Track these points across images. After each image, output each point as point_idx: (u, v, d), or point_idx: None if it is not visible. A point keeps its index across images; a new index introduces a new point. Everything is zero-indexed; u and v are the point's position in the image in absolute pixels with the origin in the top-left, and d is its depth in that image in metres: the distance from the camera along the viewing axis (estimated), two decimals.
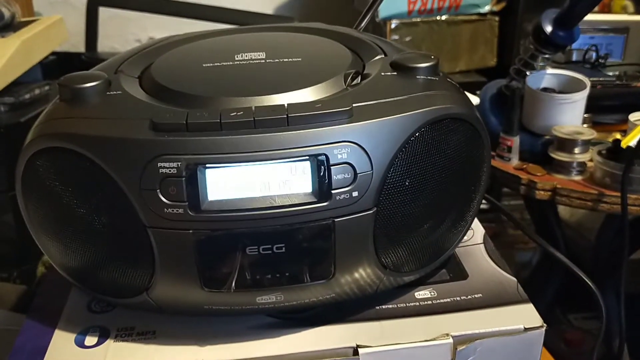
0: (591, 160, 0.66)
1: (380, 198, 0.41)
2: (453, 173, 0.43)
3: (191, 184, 0.38)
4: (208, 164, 0.38)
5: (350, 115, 0.39)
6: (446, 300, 0.47)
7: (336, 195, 0.39)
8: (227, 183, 0.39)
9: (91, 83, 0.43)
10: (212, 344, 0.43)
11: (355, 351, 0.43)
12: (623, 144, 0.62)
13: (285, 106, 0.39)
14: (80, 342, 0.44)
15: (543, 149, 0.69)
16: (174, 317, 0.45)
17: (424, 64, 0.45)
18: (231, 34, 0.56)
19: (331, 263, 0.41)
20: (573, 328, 0.90)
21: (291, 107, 0.39)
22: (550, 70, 0.73)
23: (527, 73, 0.72)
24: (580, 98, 0.69)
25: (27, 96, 0.85)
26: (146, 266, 0.41)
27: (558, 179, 0.66)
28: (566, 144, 0.66)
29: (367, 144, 0.39)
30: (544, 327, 0.44)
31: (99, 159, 0.39)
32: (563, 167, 0.67)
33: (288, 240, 0.40)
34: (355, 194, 0.39)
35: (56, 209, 0.42)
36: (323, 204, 0.39)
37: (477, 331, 0.44)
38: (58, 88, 0.44)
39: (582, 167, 0.67)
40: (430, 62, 0.45)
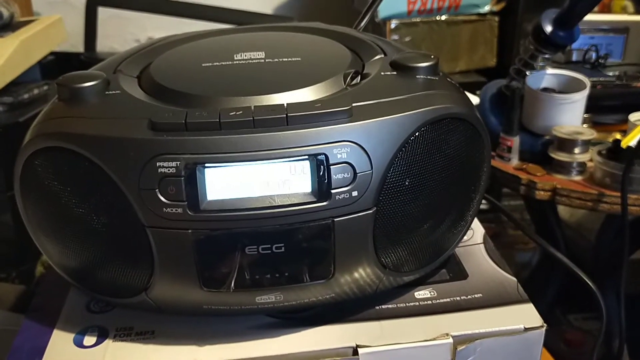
0: (591, 160, 0.66)
1: (380, 198, 0.40)
2: (453, 173, 0.43)
3: (190, 184, 0.38)
4: (207, 164, 0.38)
5: (349, 114, 0.39)
6: (446, 300, 0.47)
7: (336, 195, 0.39)
8: (227, 183, 0.39)
9: (90, 83, 0.43)
10: (211, 344, 0.43)
11: (354, 351, 0.42)
12: (623, 144, 0.62)
13: (284, 106, 0.39)
14: (79, 342, 0.44)
15: (543, 149, 0.69)
16: (173, 317, 0.45)
17: (424, 64, 0.45)
18: (230, 34, 0.56)
19: (331, 263, 0.41)
20: (573, 328, 0.90)
21: (290, 107, 0.39)
22: (550, 70, 0.73)
23: (527, 73, 0.72)
24: (580, 98, 0.69)
25: (26, 96, 0.84)
26: (145, 266, 0.41)
27: (558, 179, 0.66)
28: (566, 144, 0.66)
29: (367, 144, 0.39)
30: (544, 327, 0.44)
31: (98, 159, 0.39)
32: (563, 167, 0.67)
33: (287, 240, 0.40)
34: (354, 194, 0.39)
35: (55, 209, 0.41)
36: (322, 204, 0.39)
37: (477, 331, 0.44)
38: (56, 88, 0.43)
39: (582, 167, 0.67)
40: (430, 62, 0.45)
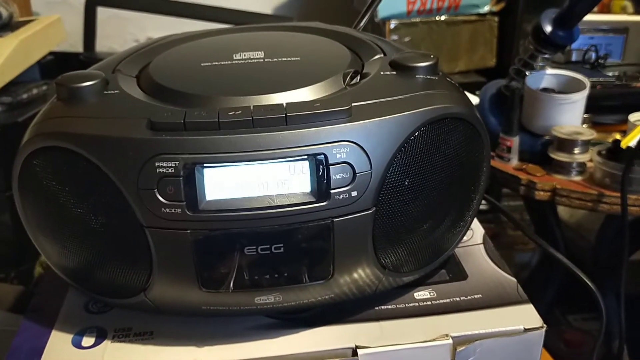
0: (591, 160, 0.66)
1: (379, 198, 0.40)
2: (452, 173, 0.43)
3: (189, 184, 0.38)
4: (206, 164, 0.38)
5: (349, 114, 0.39)
6: (446, 300, 0.47)
7: (335, 195, 0.39)
8: (225, 183, 0.39)
9: (88, 82, 0.43)
10: (210, 345, 0.43)
11: (354, 352, 0.42)
12: (623, 144, 0.62)
13: (283, 105, 0.39)
14: (77, 343, 0.44)
15: (543, 149, 0.69)
16: (172, 318, 0.45)
17: (424, 64, 0.45)
18: (229, 33, 0.56)
19: (330, 263, 0.41)
20: (573, 329, 0.90)
21: (290, 107, 0.39)
22: (549, 70, 0.73)
23: (527, 73, 0.72)
24: (579, 98, 0.69)
25: (25, 96, 0.84)
26: (144, 266, 0.41)
27: (558, 180, 0.66)
28: (566, 144, 0.66)
29: (366, 144, 0.39)
30: (544, 328, 0.44)
31: (96, 159, 0.39)
32: (563, 168, 0.67)
33: (286, 240, 0.40)
34: (354, 194, 0.39)
35: (53, 209, 0.41)
36: (322, 204, 0.39)
37: (477, 332, 0.44)
38: (55, 87, 0.43)
39: (582, 168, 0.67)
40: (429, 62, 0.45)
